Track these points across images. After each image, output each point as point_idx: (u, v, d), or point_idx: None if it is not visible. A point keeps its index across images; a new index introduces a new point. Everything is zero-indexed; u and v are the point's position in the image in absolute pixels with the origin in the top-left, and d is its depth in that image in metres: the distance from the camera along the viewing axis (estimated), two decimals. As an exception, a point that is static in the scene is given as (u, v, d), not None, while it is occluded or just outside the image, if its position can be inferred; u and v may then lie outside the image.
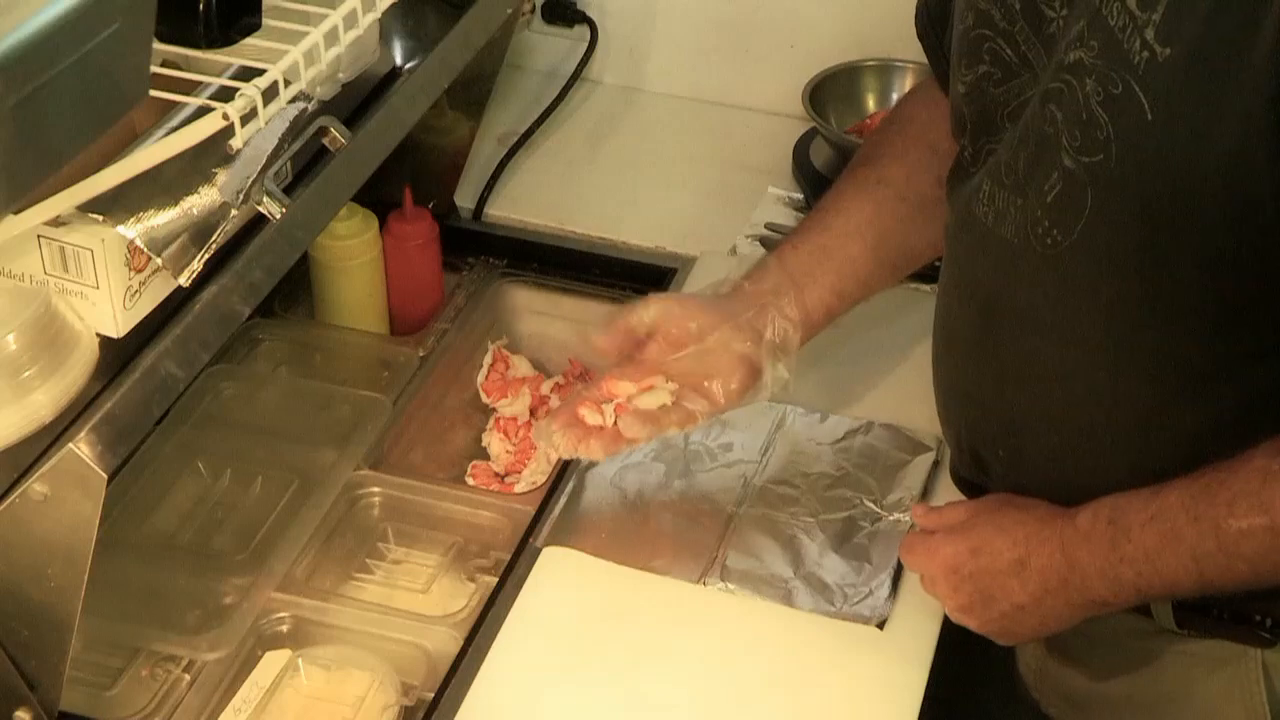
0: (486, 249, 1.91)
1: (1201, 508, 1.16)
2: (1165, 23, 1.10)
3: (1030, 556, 1.26)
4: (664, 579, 1.44)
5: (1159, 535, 1.18)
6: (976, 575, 1.30)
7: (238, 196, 1.18)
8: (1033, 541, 1.26)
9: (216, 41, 1.08)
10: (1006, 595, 1.28)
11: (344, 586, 1.52)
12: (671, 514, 1.50)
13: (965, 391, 1.38)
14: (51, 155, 0.94)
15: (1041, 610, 1.27)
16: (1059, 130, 1.19)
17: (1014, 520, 1.29)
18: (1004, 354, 1.31)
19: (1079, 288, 1.22)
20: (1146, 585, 1.20)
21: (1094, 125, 1.16)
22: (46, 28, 0.87)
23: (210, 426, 1.65)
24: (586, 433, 1.41)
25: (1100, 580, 1.22)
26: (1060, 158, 1.18)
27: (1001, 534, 1.29)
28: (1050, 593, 1.25)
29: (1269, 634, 1.27)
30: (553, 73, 2.15)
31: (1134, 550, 1.20)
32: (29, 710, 1.21)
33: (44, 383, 1.11)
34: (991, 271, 1.29)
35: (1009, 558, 1.27)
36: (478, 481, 1.70)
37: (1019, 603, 1.27)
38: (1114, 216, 1.17)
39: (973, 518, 1.33)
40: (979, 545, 1.30)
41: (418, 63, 1.55)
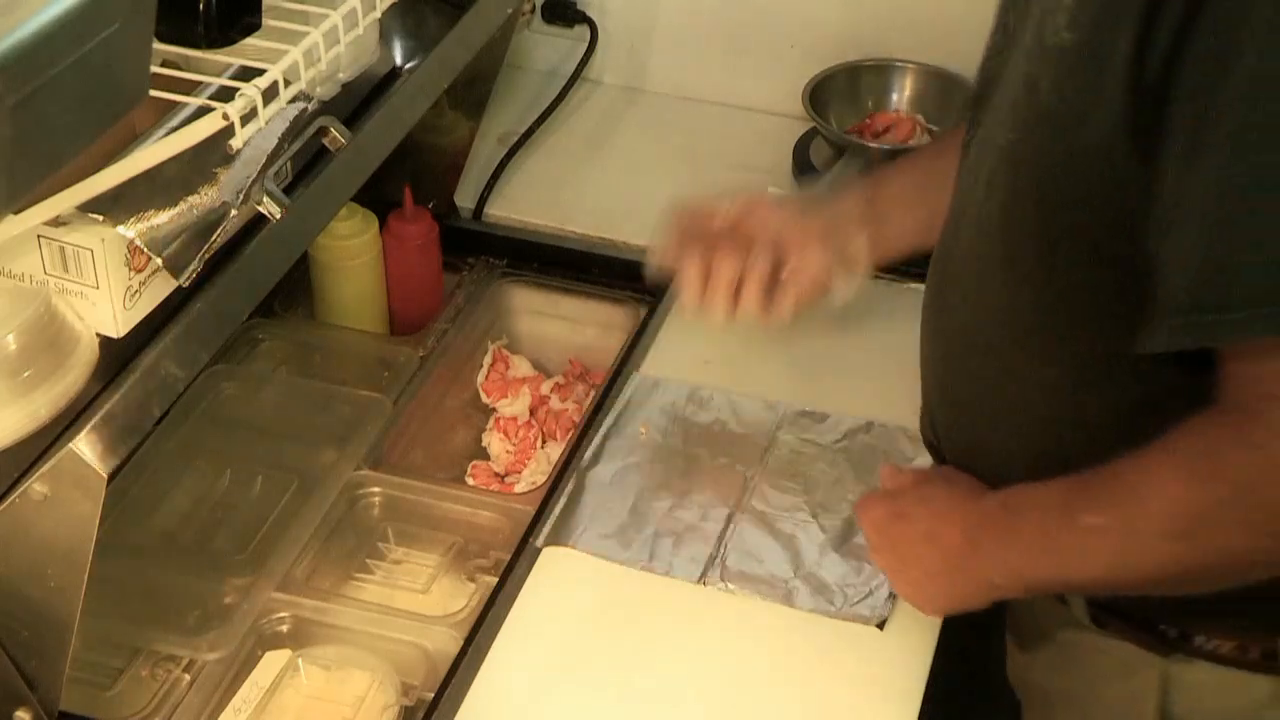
0: (486, 249, 1.91)
1: (1070, 501, 1.17)
2: (1075, 9, 1.13)
3: (940, 530, 1.29)
4: (664, 579, 1.44)
5: (1036, 525, 1.21)
6: (896, 540, 1.34)
7: (238, 196, 1.18)
8: (946, 516, 1.30)
9: (216, 41, 1.08)
10: (917, 563, 1.32)
11: (344, 586, 1.52)
12: (672, 513, 1.50)
13: (924, 358, 1.41)
14: (51, 155, 0.94)
15: (949, 584, 1.30)
16: (1003, 106, 1.22)
17: (938, 493, 1.33)
18: (944, 324, 1.35)
19: (998, 266, 1.25)
20: (1029, 573, 1.23)
21: (1018, 105, 1.19)
22: (46, 28, 0.87)
23: (210, 426, 1.65)
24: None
25: (990, 563, 1.25)
26: (997, 134, 1.22)
27: (923, 504, 1.33)
28: (954, 568, 1.28)
29: (1170, 644, 1.28)
30: (553, 73, 2.15)
31: (1018, 538, 1.22)
32: (29, 710, 1.21)
33: (44, 383, 1.11)
34: (948, 234, 1.34)
35: (923, 528, 1.31)
36: (478, 481, 1.71)
37: (928, 571, 1.31)
38: (1020, 196, 1.20)
39: (910, 485, 1.37)
40: (903, 512, 1.34)
41: (418, 63, 1.55)
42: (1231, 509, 1.07)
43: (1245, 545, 1.08)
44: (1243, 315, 1.02)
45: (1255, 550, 1.08)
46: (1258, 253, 1.01)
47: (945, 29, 1.96)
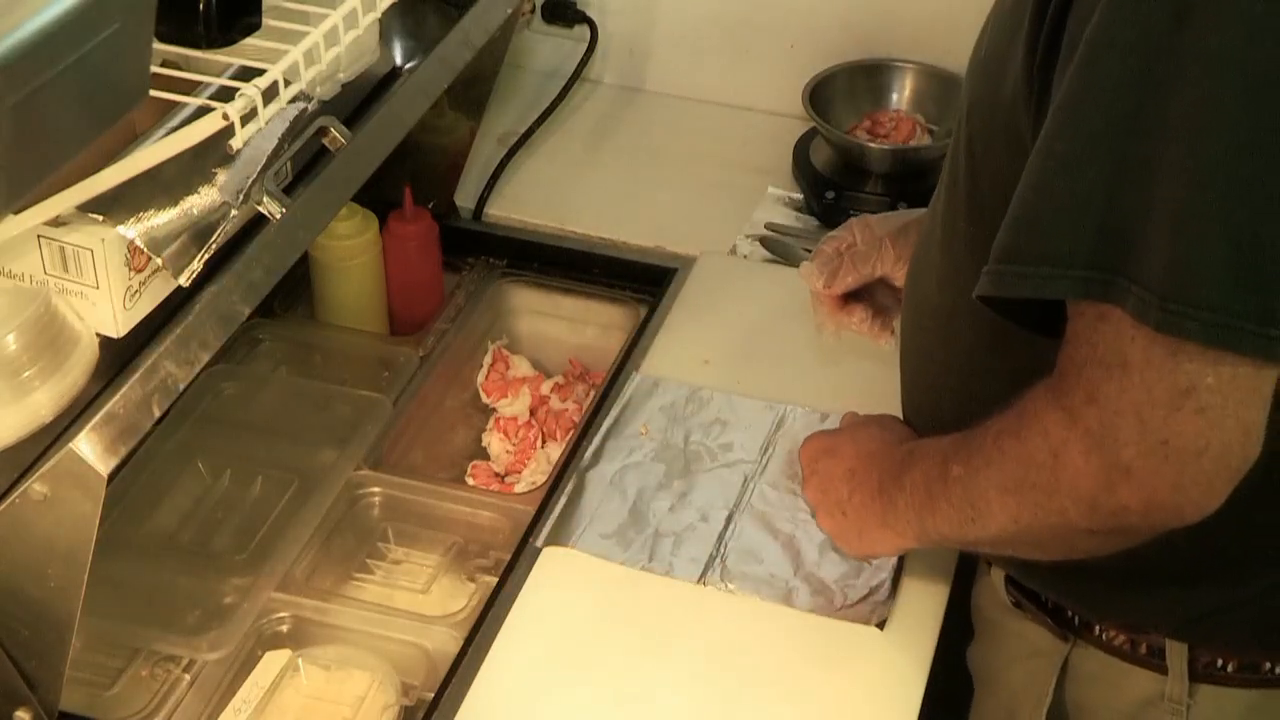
0: (486, 249, 1.91)
1: (948, 453, 1.21)
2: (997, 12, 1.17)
3: (859, 470, 1.35)
4: (664, 579, 1.44)
5: (921, 473, 1.25)
6: (821, 474, 1.42)
7: (238, 196, 1.18)
8: (866, 458, 1.35)
9: (216, 41, 1.08)
10: (836, 497, 1.39)
11: (344, 586, 1.52)
12: (671, 514, 1.50)
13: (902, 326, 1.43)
14: (51, 155, 0.94)
15: (860, 523, 1.35)
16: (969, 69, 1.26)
17: (867, 435, 1.39)
18: (908, 293, 1.39)
19: (940, 221, 1.28)
20: (913, 520, 1.26)
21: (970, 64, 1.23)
22: (46, 28, 0.87)
23: (210, 426, 1.65)
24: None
25: (889, 507, 1.29)
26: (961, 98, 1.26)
27: (850, 443, 1.39)
28: (865, 507, 1.34)
29: (1073, 630, 1.31)
30: (553, 73, 2.15)
31: (908, 482, 1.26)
32: (29, 710, 1.21)
33: (44, 383, 1.11)
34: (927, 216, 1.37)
35: (846, 466, 1.37)
36: (478, 481, 1.71)
37: (843, 508, 1.37)
38: (957, 153, 1.23)
39: (847, 426, 1.44)
40: (832, 448, 1.42)
41: (418, 63, 1.55)
42: (1044, 469, 1.08)
43: (1057, 507, 1.09)
44: (1042, 274, 1.03)
45: (1066, 514, 1.08)
46: (1060, 214, 1.02)
47: (945, 29, 1.96)
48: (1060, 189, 1.02)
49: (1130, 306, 0.99)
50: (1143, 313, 0.99)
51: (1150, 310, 0.98)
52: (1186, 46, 0.96)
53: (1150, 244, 0.98)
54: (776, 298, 1.78)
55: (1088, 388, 1.04)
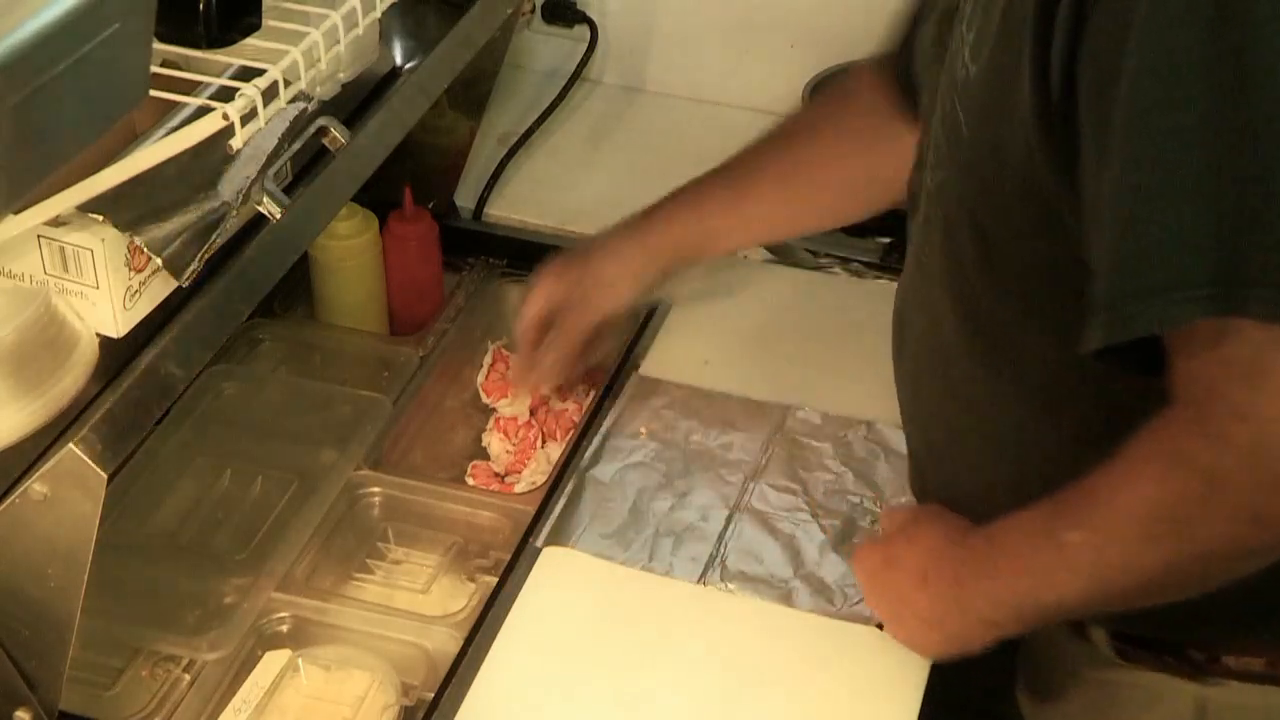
0: (486, 249, 1.91)
1: (1050, 523, 1.16)
2: (975, 41, 1.15)
3: (931, 572, 1.28)
4: (664, 579, 1.44)
5: (1021, 553, 1.19)
6: (888, 585, 1.33)
7: (238, 196, 1.18)
8: (935, 558, 1.28)
9: (216, 41, 1.08)
10: (911, 607, 1.30)
11: (344, 586, 1.52)
12: (671, 514, 1.50)
13: (901, 406, 1.41)
14: (51, 155, 0.94)
15: (944, 626, 1.28)
16: (928, 152, 1.24)
17: (926, 535, 1.31)
18: (912, 369, 1.36)
19: (947, 303, 1.25)
20: (1020, 603, 1.20)
21: (939, 144, 1.21)
22: (46, 28, 0.87)
23: (210, 426, 1.65)
24: None
25: (982, 599, 1.23)
26: (925, 179, 1.23)
27: (911, 547, 1.31)
28: (947, 610, 1.26)
29: (1200, 669, 1.27)
30: (553, 73, 2.15)
31: (1005, 568, 1.20)
32: (29, 710, 1.21)
33: (44, 383, 1.11)
34: (902, 292, 1.35)
35: (915, 571, 1.29)
36: (478, 481, 1.70)
37: (921, 615, 1.29)
38: (956, 232, 1.21)
39: (900, 527, 1.36)
40: (893, 557, 1.33)
41: (418, 63, 1.55)
42: (1205, 502, 1.06)
43: (1226, 534, 1.07)
44: (1163, 302, 1.01)
45: (1237, 539, 1.07)
46: (1168, 241, 1.01)
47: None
48: (1154, 218, 1.01)
49: (1257, 312, 0.99)
50: (1272, 314, 0.98)
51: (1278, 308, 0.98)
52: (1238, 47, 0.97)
53: (1260, 245, 0.98)
54: (776, 298, 1.78)
55: (1231, 406, 1.03)
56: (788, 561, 1.45)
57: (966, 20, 1.17)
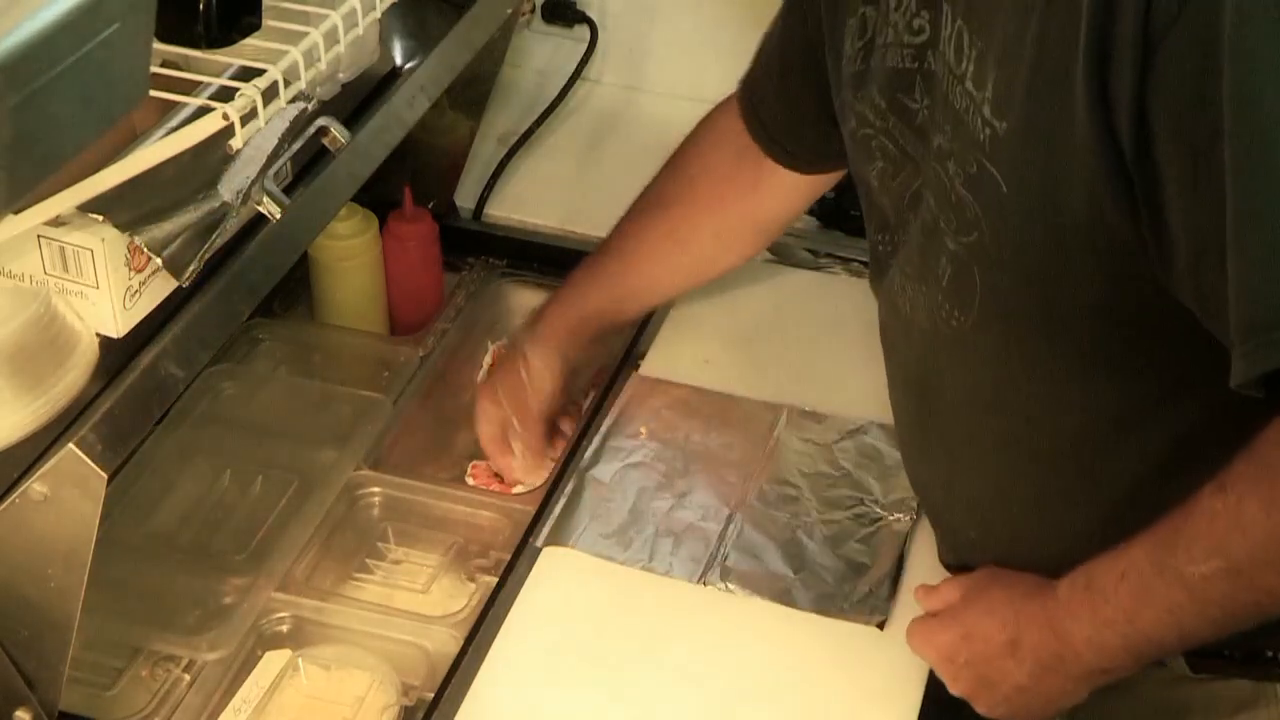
0: (486, 249, 1.91)
1: (1164, 558, 1.13)
2: (996, 98, 1.13)
3: (1021, 636, 1.24)
4: (664, 579, 1.44)
5: (1132, 593, 1.15)
6: (973, 662, 1.28)
7: (238, 196, 1.18)
8: (1021, 620, 1.24)
9: (216, 41, 1.08)
10: (1005, 678, 1.25)
11: (344, 586, 1.52)
12: (671, 514, 1.50)
13: (925, 480, 1.40)
14: (51, 155, 0.93)
15: (1043, 688, 1.24)
16: (936, 216, 1.21)
17: (1001, 600, 1.27)
18: (945, 436, 1.33)
19: (991, 360, 1.23)
20: (1133, 646, 1.17)
21: (963, 206, 1.18)
22: (46, 28, 0.87)
23: (210, 426, 1.65)
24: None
25: (1089, 649, 1.19)
26: (945, 243, 1.21)
27: (990, 616, 1.27)
28: (1047, 670, 1.22)
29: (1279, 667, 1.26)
30: (553, 73, 2.15)
31: (1113, 612, 1.17)
32: (29, 710, 1.21)
33: (44, 382, 1.11)
34: (917, 359, 1.32)
35: (1000, 640, 1.25)
36: (478, 481, 1.70)
37: (1019, 684, 1.24)
38: (1002, 289, 1.18)
39: (963, 599, 1.32)
40: (970, 630, 1.28)
41: (418, 63, 1.55)
42: None
43: None
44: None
45: None
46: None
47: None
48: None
49: None
50: None
51: None
52: None
53: None
54: (776, 298, 1.78)
55: None
56: (788, 561, 1.45)
57: (972, 79, 1.15)
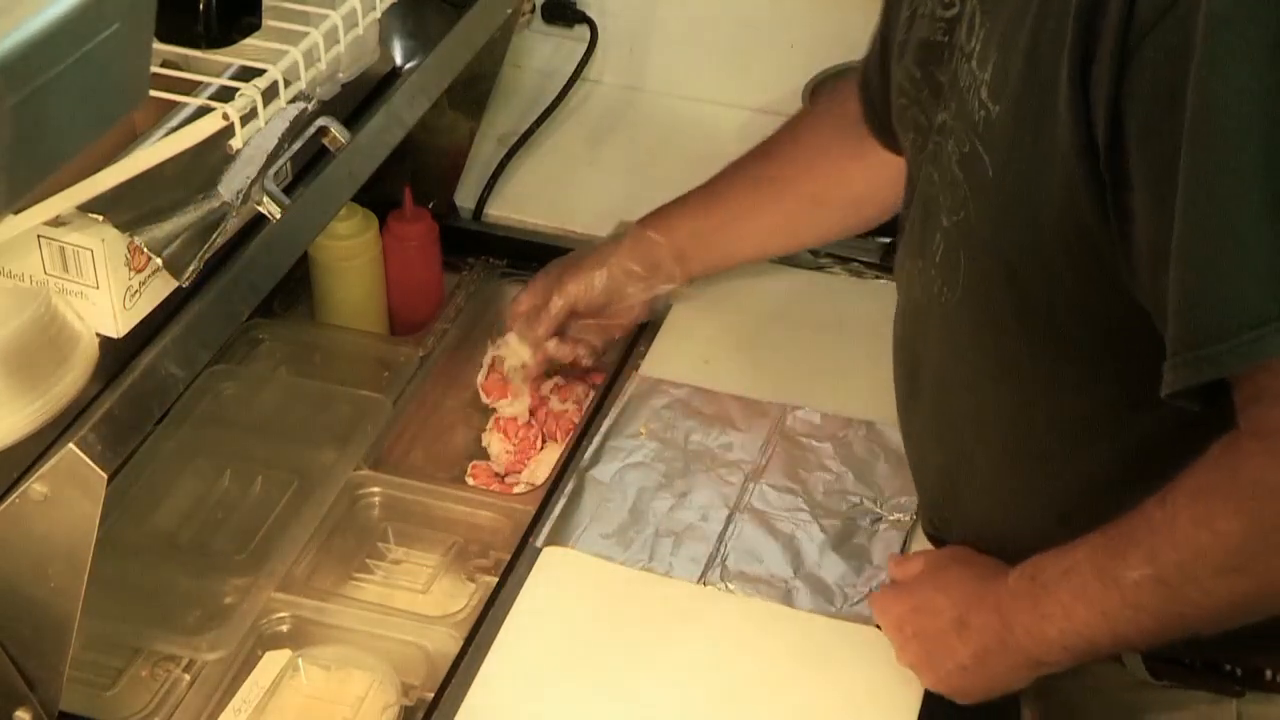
0: (486, 249, 1.91)
1: (1104, 561, 1.14)
2: (993, 81, 1.13)
3: (969, 616, 1.26)
4: (664, 579, 1.44)
5: (1071, 590, 1.17)
6: (920, 634, 1.31)
7: (238, 196, 1.18)
8: (971, 601, 1.26)
9: (216, 41, 1.08)
10: (950, 654, 1.27)
11: (344, 586, 1.52)
12: (671, 514, 1.50)
13: (911, 451, 1.41)
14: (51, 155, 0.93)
15: (985, 670, 1.26)
16: (936, 192, 1.22)
17: (956, 578, 1.30)
18: (926, 410, 1.34)
19: (972, 341, 1.24)
20: (1069, 643, 1.19)
21: (956, 185, 1.19)
22: (46, 28, 0.87)
23: (210, 426, 1.65)
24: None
25: (1029, 638, 1.21)
26: (940, 219, 1.22)
27: (942, 593, 1.29)
28: (990, 653, 1.24)
29: (1240, 684, 1.26)
30: (553, 73, 2.15)
31: (1052, 607, 1.18)
32: (29, 710, 1.21)
33: (44, 383, 1.11)
34: (912, 333, 1.34)
35: (949, 617, 1.27)
36: (478, 481, 1.70)
37: (962, 663, 1.27)
38: (983, 271, 1.19)
39: (923, 573, 1.34)
40: (921, 604, 1.31)
41: (418, 63, 1.55)
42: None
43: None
44: (1245, 340, 1.01)
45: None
46: (1242, 277, 1.00)
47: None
48: (1226, 256, 1.01)
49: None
50: None
51: None
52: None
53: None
54: (776, 298, 1.78)
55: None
56: (788, 561, 1.45)
57: (977, 59, 1.15)
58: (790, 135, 1.67)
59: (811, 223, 1.68)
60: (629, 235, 1.69)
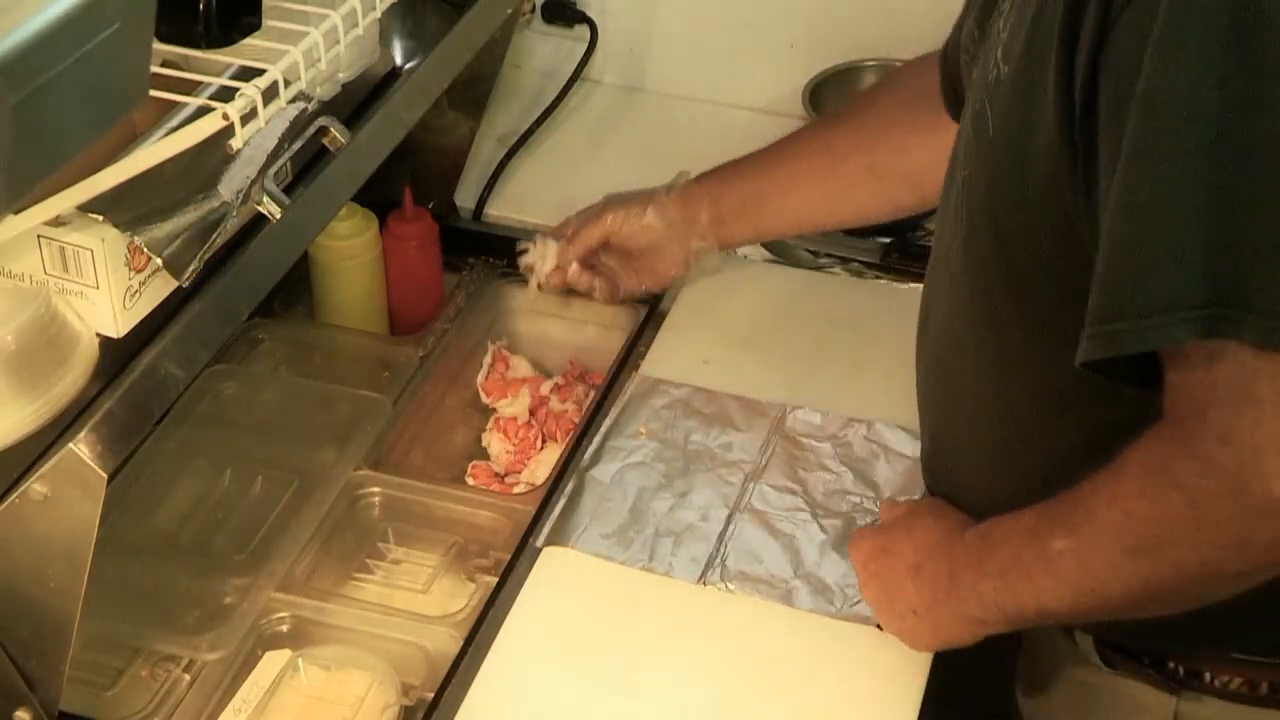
0: (486, 249, 1.91)
1: (1039, 528, 1.16)
2: (1009, 40, 1.15)
3: (925, 564, 1.29)
4: (664, 579, 1.44)
5: (1009, 553, 1.20)
6: (880, 574, 1.35)
7: (238, 196, 1.18)
8: (931, 550, 1.29)
9: (216, 41, 1.08)
10: (903, 598, 1.31)
11: (344, 586, 1.52)
12: (671, 514, 1.50)
13: (918, 396, 1.41)
14: (52, 155, 0.94)
15: (933, 619, 1.29)
16: (959, 146, 1.24)
17: (925, 527, 1.32)
18: (928, 364, 1.36)
19: (967, 298, 1.25)
20: (1004, 603, 1.21)
21: (968, 141, 1.21)
22: (46, 28, 0.87)
23: (210, 426, 1.65)
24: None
25: (971, 595, 1.23)
26: (956, 173, 1.24)
27: (908, 538, 1.33)
28: (939, 602, 1.27)
29: (1179, 683, 1.27)
30: (553, 73, 2.15)
31: (992, 565, 1.21)
32: (29, 710, 1.21)
33: (44, 383, 1.11)
34: (929, 284, 1.36)
35: (909, 562, 1.31)
36: (478, 481, 1.71)
37: (913, 607, 1.30)
38: (978, 231, 1.21)
39: (898, 518, 1.37)
40: (888, 546, 1.35)
41: (418, 63, 1.55)
42: (1186, 522, 1.05)
43: (1207, 557, 1.06)
44: (1156, 321, 1.00)
45: (1217, 562, 1.06)
46: (1166, 260, 1.00)
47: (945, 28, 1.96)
48: (1153, 237, 1.00)
49: (1251, 337, 0.98)
50: (1266, 340, 0.97)
51: (1274, 335, 0.97)
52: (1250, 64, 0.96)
53: (1259, 270, 0.97)
54: (776, 298, 1.78)
55: (1217, 430, 1.02)
56: (788, 561, 1.45)
57: (1004, 18, 1.17)
58: (869, 101, 1.66)
59: (864, 195, 1.64)
60: (679, 187, 1.71)
